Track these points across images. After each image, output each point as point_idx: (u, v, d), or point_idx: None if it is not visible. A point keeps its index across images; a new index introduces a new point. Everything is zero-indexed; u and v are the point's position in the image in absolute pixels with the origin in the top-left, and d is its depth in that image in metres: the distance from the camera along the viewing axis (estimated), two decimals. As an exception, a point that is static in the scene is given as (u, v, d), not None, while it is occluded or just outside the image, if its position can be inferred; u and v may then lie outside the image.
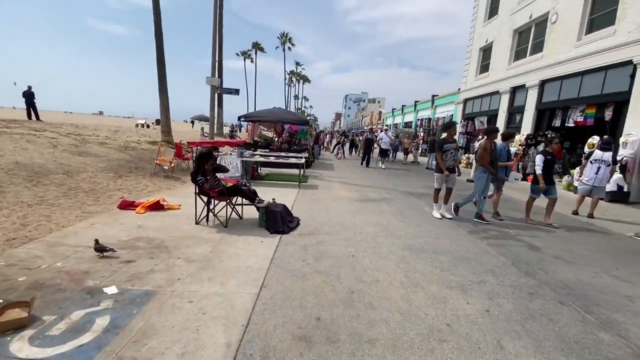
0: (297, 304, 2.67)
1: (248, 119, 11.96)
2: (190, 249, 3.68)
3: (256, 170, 9.35)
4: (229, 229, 4.45)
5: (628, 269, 3.95)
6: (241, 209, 5.10)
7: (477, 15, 18.21)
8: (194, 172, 4.47)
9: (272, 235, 4.31)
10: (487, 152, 5.60)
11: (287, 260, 3.55)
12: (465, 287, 3.17)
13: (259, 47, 52.73)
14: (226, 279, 3.02)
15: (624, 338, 2.48)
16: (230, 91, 11.54)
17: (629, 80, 8.87)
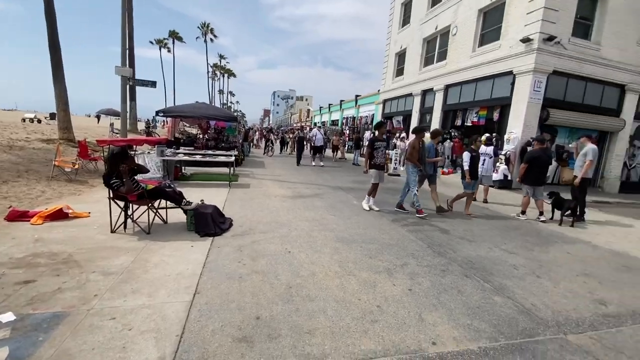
0: (234, 306, 2.63)
1: (168, 114, 10.99)
2: (107, 260, 3.28)
3: (180, 170, 8.70)
4: (152, 236, 4.08)
5: (513, 243, 4.86)
6: (165, 213, 4.72)
7: (392, 23, 19.85)
8: (106, 174, 3.96)
9: (204, 238, 4.11)
10: (415, 150, 6.02)
11: (221, 263, 3.44)
12: (390, 270, 3.51)
13: (177, 36, 48.49)
14: (154, 289, 2.79)
15: (511, 299, 3.07)
16: (145, 83, 10.40)
17: (510, 87, 10.76)
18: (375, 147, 6.07)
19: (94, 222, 4.47)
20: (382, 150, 6.14)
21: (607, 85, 11.01)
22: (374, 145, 6.08)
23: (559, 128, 11.05)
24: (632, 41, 10.88)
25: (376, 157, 6.08)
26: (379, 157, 6.10)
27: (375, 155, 6.08)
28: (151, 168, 7.10)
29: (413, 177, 6.08)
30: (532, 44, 9.82)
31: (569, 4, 9.89)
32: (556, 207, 6.32)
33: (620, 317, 2.89)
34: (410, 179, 6.11)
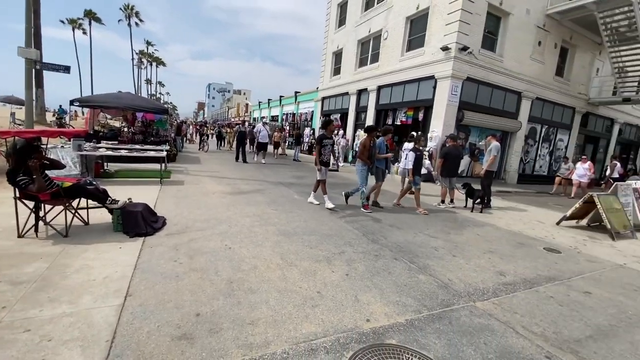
0: (172, 305, 2.54)
1: (85, 104, 9.73)
2: (16, 268, 2.87)
3: (102, 167, 7.82)
4: (71, 239, 3.66)
5: (434, 228, 5.48)
6: (87, 214, 4.25)
7: (329, 23, 20.37)
8: (11, 170, 3.42)
9: (134, 239, 3.82)
10: (366, 148, 6.18)
11: (155, 263, 3.26)
12: (329, 258, 3.72)
13: (94, 17, 42.74)
14: (76, 296, 2.54)
15: (432, 276, 3.51)
16: (56, 67, 9.02)
17: (433, 91, 11.95)
18: (323, 144, 6.21)
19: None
20: (329, 147, 6.31)
21: (508, 91, 12.93)
22: (322, 142, 6.22)
23: (472, 128, 12.65)
24: (527, 56, 12.93)
25: (323, 154, 6.21)
26: (325, 154, 6.25)
27: (323, 152, 6.21)
28: (66, 164, 6.26)
29: (363, 174, 6.26)
30: (450, 52, 11.04)
31: (479, 19, 11.33)
32: (469, 196, 7.29)
33: (515, 284, 3.51)
34: (360, 176, 6.30)
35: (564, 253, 4.78)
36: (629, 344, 2.56)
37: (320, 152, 6.21)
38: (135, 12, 47.85)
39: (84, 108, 11.43)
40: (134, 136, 10.98)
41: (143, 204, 4.32)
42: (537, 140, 14.80)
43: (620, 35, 12.72)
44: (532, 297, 3.22)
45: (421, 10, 12.67)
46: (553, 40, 13.52)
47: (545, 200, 10.26)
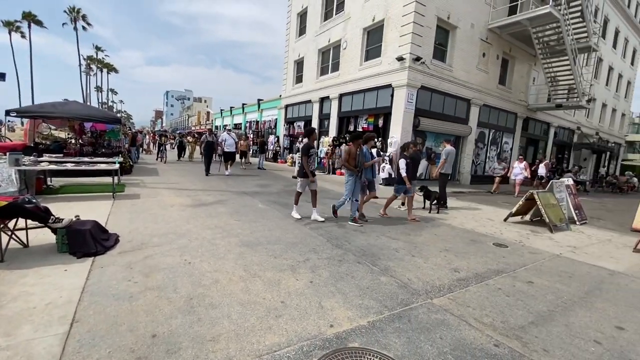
0: (125, 328, 2.40)
1: (24, 115, 8.90)
2: None
3: (44, 182, 7.17)
4: (8, 264, 3.31)
5: (395, 230, 5.70)
6: (26, 235, 3.87)
7: (290, 32, 20.59)
8: None
9: (82, 260, 3.54)
10: (352, 156, 5.90)
11: (106, 284, 3.05)
12: (294, 267, 3.72)
13: (33, 19, 39.29)
14: (13, 326, 2.31)
15: (393, 277, 3.64)
16: (-15, 75, 8.17)
17: (391, 98, 12.49)
18: (310, 154, 5.92)
19: None
20: (314, 157, 6.16)
21: (459, 99, 13.88)
22: (309, 152, 5.89)
23: (428, 133, 13.38)
24: (473, 66, 14.00)
25: (310, 164, 5.98)
26: (311, 164, 6.06)
27: (310, 162, 5.98)
28: (1, 181, 5.65)
29: (350, 185, 5.93)
30: (405, 62, 11.65)
31: (429, 32, 12.10)
32: (426, 197, 7.69)
33: (468, 279, 3.76)
34: (348, 187, 5.97)
35: (510, 247, 5.20)
36: (564, 326, 2.85)
37: (308, 162, 5.92)
38: (82, 15, 44.81)
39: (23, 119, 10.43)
40: (82, 148, 10.22)
41: (92, 221, 4.03)
42: (485, 144, 15.98)
43: (551, 48, 14.26)
44: (483, 290, 3.47)
45: (377, 22, 13.25)
46: (495, 52, 14.79)
47: (494, 199, 11.09)
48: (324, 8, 17.11)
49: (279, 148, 21.39)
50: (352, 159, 5.91)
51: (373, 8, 13.40)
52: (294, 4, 20.05)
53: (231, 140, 12.76)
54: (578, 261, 4.76)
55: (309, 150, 5.89)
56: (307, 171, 5.87)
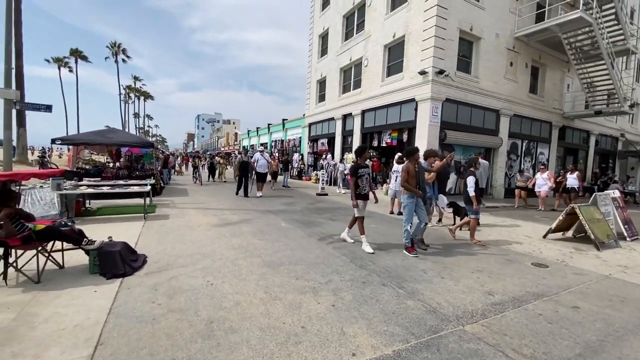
0: (146, 352, 2.40)
1: (67, 142, 9.66)
2: (-23, 323, 2.70)
3: (83, 205, 7.64)
4: (43, 285, 3.49)
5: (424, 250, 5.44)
6: (62, 256, 4.09)
7: (312, 53, 21.16)
8: (-22, 217, 3.30)
9: (111, 280, 3.66)
10: (411, 175, 5.13)
11: (131, 306, 3.11)
12: (316, 289, 3.61)
13: (80, 55, 43.49)
14: (43, 349, 2.38)
15: (421, 301, 3.43)
16: (37, 107, 9.02)
17: (414, 112, 12.31)
18: (359, 174, 5.32)
19: (-42, 277, 3.63)
20: (366, 177, 5.40)
21: (487, 110, 13.40)
22: (357, 172, 5.30)
23: (455, 146, 12.94)
24: (500, 76, 13.55)
25: (361, 186, 5.33)
26: (364, 186, 5.36)
27: (360, 184, 5.33)
28: (44, 204, 6.09)
29: (408, 210, 5.14)
30: (427, 76, 11.50)
31: (452, 44, 11.93)
32: (456, 214, 7.33)
33: (504, 304, 3.46)
34: (405, 212, 5.18)
35: (551, 267, 4.77)
36: (617, 359, 2.51)
37: (357, 185, 5.30)
38: (122, 49, 48.96)
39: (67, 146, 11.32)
40: (119, 171, 10.85)
41: (122, 242, 4.19)
42: (519, 155, 15.19)
43: (585, 53, 13.54)
44: (521, 316, 3.16)
45: (397, 39, 13.29)
46: (524, 61, 14.26)
47: (531, 213, 10.38)
48: (344, 28, 17.49)
49: (303, 166, 21.61)
50: (412, 177, 5.12)
51: (393, 25, 13.50)
52: (315, 27, 20.69)
53: (264, 161, 12.22)
54: (631, 283, 4.27)
55: (357, 170, 5.30)
56: (353, 195, 5.26)
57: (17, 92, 8.54)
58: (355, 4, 16.20)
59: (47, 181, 6.45)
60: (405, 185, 5.11)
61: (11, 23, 8.34)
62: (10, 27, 8.27)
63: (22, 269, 3.55)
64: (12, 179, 3.72)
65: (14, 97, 7.92)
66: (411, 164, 5.20)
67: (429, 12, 11.55)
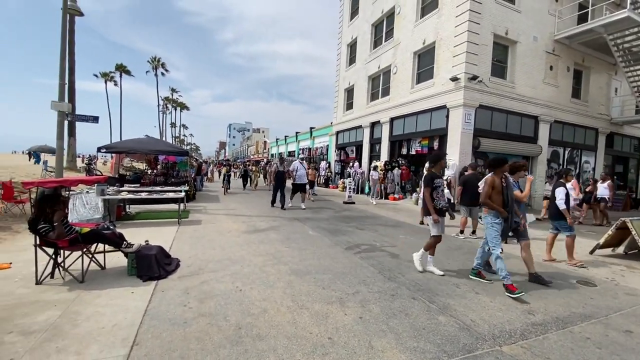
0: (177, 355, 2.47)
1: (110, 150, 10.38)
2: (29, 317, 2.92)
3: (123, 210, 8.12)
4: (86, 284, 3.72)
5: (455, 262, 5.21)
6: (103, 258, 4.35)
7: (340, 62, 21.35)
8: (33, 218, 3.61)
9: (146, 283, 3.83)
10: (497, 190, 4.19)
11: (164, 308, 3.23)
12: (343, 300, 3.56)
13: (124, 70, 46.88)
14: (84, 346, 2.53)
15: (453, 317, 3.27)
16: (85, 118, 9.82)
17: (446, 120, 11.96)
18: (435, 185, 4.51)
19: (15, 274, 3.97)
20: (442, 189, 4.59)
21: (524, 116, 12.74)
22: (433, 182, 4.50)
23: (490, 154, 12.37)
24: (539, 80, 12.87)
25: (437, 199, 4.52)
26: (439, 199, 4.53)
27: (435, 196, 4.51)
28: (89, 209, 6.55)
29: (494, 232, 4.12)
30: (459, 82, 11.17)
31: (486, 49, 11.53)
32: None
33: (546, 324, 3.20)
34: (490, 235, 4.16)
35: (599, 286, 4.37)
36: (688, 397, 2.22)
37: (432, 197, 4.49)
38: (161, 63, 52.14)
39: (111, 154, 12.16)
40: (156, 178, 11.46)
41: (157, 246, 4.38)
42: (560, 164, 14.24)
43: (634, 54, 12.53)
44: (566, 339, 2.91)
45: (427, 45, 13.08)
46: (565, 64, 13.47)
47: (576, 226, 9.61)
48: (373, 37, 17.50)
49: (330, 173, 21.64)
50: (498, 193, 4.19)
51: (423, 32, 13.31)
52: (344, 36, 20.89)
53: (303, 171, 11.05)
54: (699, 308, 3.80)
55: (433, 181, 4.51)
56: (430, 208, 4.46)
57: (69, 104, 9.32)
58: (384, 12, 16.19)
59: (93, 187, 6.94)
60: (487, 203, 4.13)
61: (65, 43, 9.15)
62: (65, 46, 9.07)
63: (68, 268, 3.82)
64: (62, 185, 4.03)
65: (66, 109, 8.66)
66: (497, 176, 4.26)
67: (461, 18, 11.28)
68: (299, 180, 10.88)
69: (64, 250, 3.76)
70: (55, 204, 3.61)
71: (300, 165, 11.14)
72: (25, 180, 4.42)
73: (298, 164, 11.12)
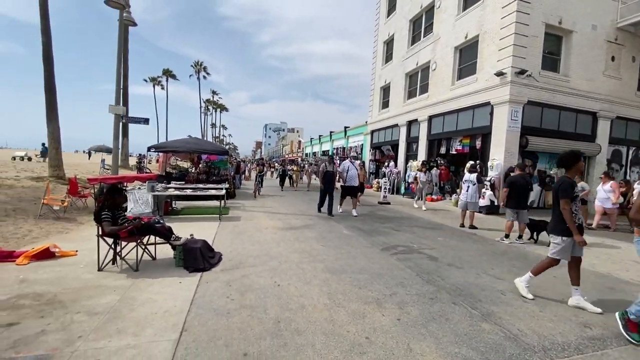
0: (222, 343, 2.61)
1: (159, 150, 11.16)
2: (93, 300, 3.24)
3: (170, 205, 8.69)
4: (140, 273, 4.05)
5: (499, 268, 4.93)
6: (154, 249, 4.70)
7: (376, 60, 21.03)
8: (97, 210, 4.00)
9: (192, 274, 4.08)
10: None
11: (209, 299, 3.42)
12: (380, 300, 3.52)
13: (170, 74, 50.08)
14: (140, 328, 2.76)
15: (498, 325, 3.10)
16: (138, 120, 10.63)
17: (489, 117, 11.32)
18: (575, 194, 3.58)
19: (81, 260, 4.42)
20: (578, 200, 3.65)
21: (580, 113, 11.68)
22: (573, 192, 3.56)
23: (539, 154, 11.53)
24: (599, 72, 11.73)
25: (575, 213, 3.59)
26: (577, 212, 3.62)
27: (574, 209, 3.59)
28: (141, 203, 7.10)
29: None
30: (505, 77, 10.51)
31: (536, 41, 10.72)
32: (531, 229, 6.66)
33: (605, 339, 2.93)
34: None
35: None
36: None
37: (572, 211, 3.55)
38: (203, 67, 54.89)
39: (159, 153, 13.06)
40: (199, 176, 12.10)
41: (202, 240, 4.65)
42: (623, 164, 12.88)
43: None
44: (629, 357, 2.64)
45: (470, 39, 12.46)
46: (629, 54, 12.15)
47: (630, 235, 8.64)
48: (410, 33, 17.03)
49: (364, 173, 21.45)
50: None
51: (465, 25, 12.70)
52: (380, 33, 20.56)
53: (354, 171, 9.56)
54: None
55: (573, 189, 3.56)
56: (572, 226, 3.50)
57: (124, 108, 10.15)
58: (422, 7, 15.69)
59: (144, 183, 7.51)
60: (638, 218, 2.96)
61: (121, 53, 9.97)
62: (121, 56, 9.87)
63: (125, 257, 4.18)
64: (121, 181, 4.42)
65: (122, 112, 9.43)
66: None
67: (508, 8, 10.60)
68: (350, 182, 9.46)
69: (122, 241, 4.12)
70: (115, 197, 3.98)
71: (350, 164, 9.72)
72: (90, 177, 4.92)
73: (348, 164, 9.75)
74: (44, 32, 10.97)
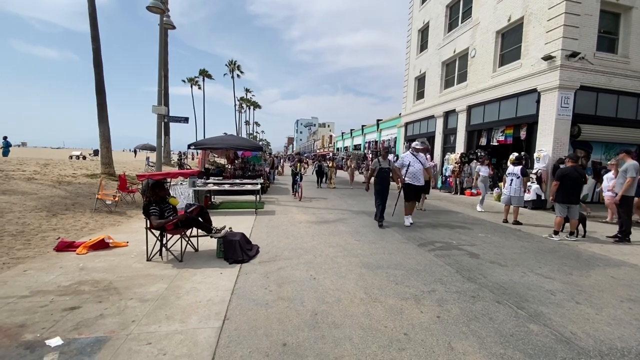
0: (262, 332, 2.69)
1: (198, 147, 11.69)
2: (144, 288, 3.49)
3: (209, 199, 9.10)
4: (184, 263, 4.29)
5: (548, 266, 4.60)
6: (197, 241, 4.95)
7: (410, 49, 20.31)
8: (145, 205, 4.30)
9: (232, 265, 4.26)
10: None
11: (249, 289, 3.54)
12: (418, 297, 3.44)
13: (207, 74, 52.11)
14: (186, 315, 2.93)
15: (548, 327, 2.90)
16: (178, 119, 11.23)
17: (536, 105, 10.53)
18: None
19: (131, 251, 4.78)
20: None
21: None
22: None
23: (594, 143, 10.55)
24: (666, 51, 10.43)
25: None
26: None
27: None
28: (183, 198, 7.52)
29: None
30: (554, 61, 9.69)
31: (590, 20, 9.75)
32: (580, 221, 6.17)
33: (676, 348, 2.64)
34: None
35: None
36: None
37: None
38: (237, 65, 56.44)
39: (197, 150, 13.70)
40: (235, 172, 12.55)
41: (240, 233, 4.82)
42: (696, 154, 11.40)
43: None
44: None
45: (513, 22, 11.62)
46: None
47: None
48: (447, 19, 16.22)
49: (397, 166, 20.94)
50: None
51: (508, 8, 11.85)
52: (414, 21, 19.81)
53: (419, 166, 7.29)
54: None
55: None
56: None
57: (166, 108, 10.75)
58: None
59: (186, 179, 7.93)
60: None
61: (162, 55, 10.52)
62: (162, 58, 10.42)
63: (170, 248, 4.45)
64: (166, 177, 4.71)
65: (164, 112, 9.99)
66: None
67: (558, -15, 9.72)
68: (413, 180, 7.20)
69: (168, 233, 4.39)
70: (158, 191, 4.26)
71: (413, 158, 7.30)
72: (139, 173, 5.30)
73: (410, 157, 7.34)
74: (94, 38, 11.86)
